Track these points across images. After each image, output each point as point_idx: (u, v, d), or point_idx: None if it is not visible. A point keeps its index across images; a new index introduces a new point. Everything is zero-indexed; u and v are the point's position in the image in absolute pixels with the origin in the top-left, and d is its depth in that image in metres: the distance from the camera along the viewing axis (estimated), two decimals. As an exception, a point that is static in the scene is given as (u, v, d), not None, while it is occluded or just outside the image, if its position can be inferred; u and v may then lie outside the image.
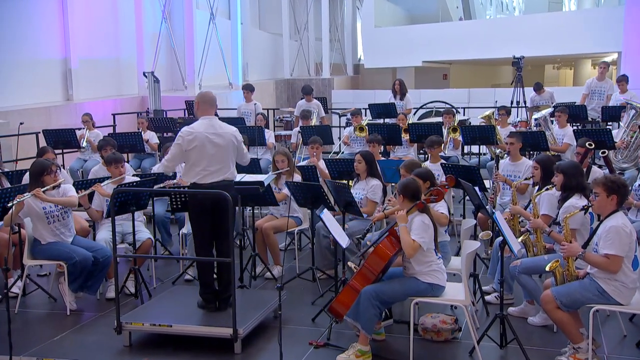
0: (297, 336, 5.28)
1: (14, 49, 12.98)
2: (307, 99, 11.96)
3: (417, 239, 4.67)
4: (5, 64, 12.62)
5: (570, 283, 4.69)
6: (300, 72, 24.80)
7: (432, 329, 5.15)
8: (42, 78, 13.97)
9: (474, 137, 9.44)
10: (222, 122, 5.47)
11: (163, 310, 5.35)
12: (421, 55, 21.89)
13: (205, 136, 5.26)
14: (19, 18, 13.20)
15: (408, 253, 4.67)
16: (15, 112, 12.48)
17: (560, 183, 5.36)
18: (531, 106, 11.87)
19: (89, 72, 15.04)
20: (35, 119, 12.55)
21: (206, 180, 5.27)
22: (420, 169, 5.70)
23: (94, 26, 15.42)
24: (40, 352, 4.99)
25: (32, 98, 13.56)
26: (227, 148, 5.32)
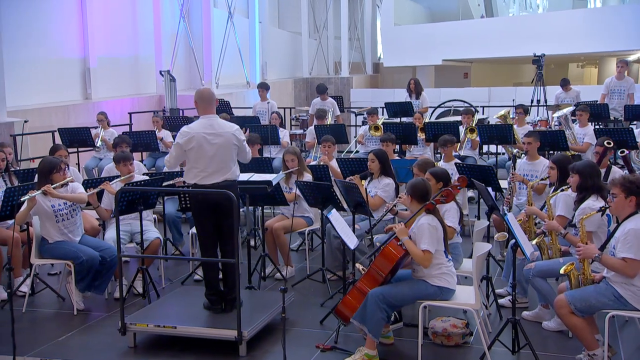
0: (304, 339, 5.19)
1: (33, 48, 13.04)
2: (321, 98, 11.86)
3: (426, 247, 4.55)
4: (24, 63, 12.66)
5: (585, 287, 4.53)
6: (319, 70, 24.70)
7: (443, 333, 5.02)
8: (60, 77, 14.01)
9: (491, 136, 9.27)
10: (223, 121, 5.33)
11: (168, 311, 5.29)
12: (441, 54, 21.68)
13: (202, 136, 5.15)
14: (38, 17, 13.26)
15: (423, 265, 4.57)
16: (34, 111, 12.56)
17: (576, 184, 5.20)
18: (555, 104, 11.63)
19: (107, 71, 15.07)
20: (53, 117, 12.62)
21: (206, 182, 5.16)
22: (436, 168, 5.58)
23: (112, 25, 15.45)
24: (44, 352, 4.95)
25: (51, 97, 13.61)
26: (226, 148, 5.19)
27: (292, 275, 6.80)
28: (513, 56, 21.20)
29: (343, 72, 23.45)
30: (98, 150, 10.38)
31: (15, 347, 4.58)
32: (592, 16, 22.31)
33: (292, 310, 5.69)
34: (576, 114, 9.25)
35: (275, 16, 24.36)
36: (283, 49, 23.25)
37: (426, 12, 27.79)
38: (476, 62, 25.45)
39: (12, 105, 11.95)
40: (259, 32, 20.50)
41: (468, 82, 25.52)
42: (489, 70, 27.04)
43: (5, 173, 6.60)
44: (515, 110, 9.94)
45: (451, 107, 13.39)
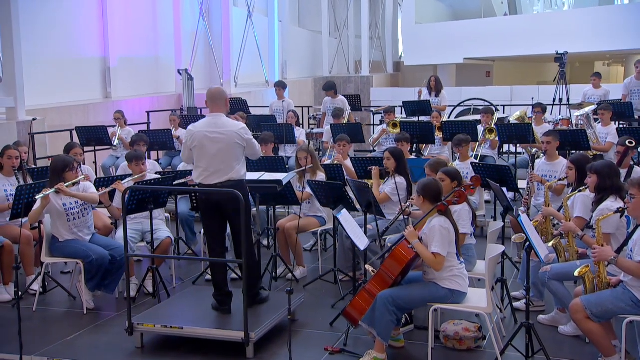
0: (313, 341, 5.12)
1: (54, 48, 13.14)
2: (331, 96, 11.75)
3: (437, 251, 4.45)
4: (45, 62, 12.76)
5: (601, 291, 4.39)
6: (339, 69, 24.60)
7: (454, 336, 4.90)
8: (81, 76, 14.10)
9: (510, 135, 9.10)
10: (228, 120, 5.24)
11: (177, 311, 5.24)
12: (463, 52, 21.45)
13: (204, 135, 5.09)
14: (60, 17, 13.37)
15: (435, 268, 4.47)
16: (53, 110, 12.67)
17: (594, 184, 5.05)
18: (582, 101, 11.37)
19: (127, 70, 15.14)
20: (73, 116, 12.70)
21: (209, 181, 5.10)
22: (449, 167, 5.46)
23: (133, 25, 15.53)
24: (51, 352, 4.92)
25: (71, 96, 13.70)
26: (229, 147, 5.08)
27: (304, 275, 6.73)
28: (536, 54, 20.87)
29: (363, 71, 23.32)
30: (115, 148, 10.41)
31: (22, 346, 4.55)
32: (619, 13, 21.88)
33: (302, 311, 5.62)
34: (598, 113, 9.04)
35: (296, 15, 24.32)
36: (303, 48, 23.20)
37: (448, 11, 27.52)
38: (499, 61, 25.14)
39: (33, 104, 12.05)
40: (280, 31, 20.47)
41: (490, 81, 25.22)
42: (512, 69, 26.68)
43: (19, 171, 6.61)
44: (533, 109, 9.74)
45: (471, 106, 13.21)
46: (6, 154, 6.48)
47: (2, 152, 6.53)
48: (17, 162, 6.53)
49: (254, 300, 5.23)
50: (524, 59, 25.02)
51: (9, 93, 10.62)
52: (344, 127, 9.94)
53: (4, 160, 6.48)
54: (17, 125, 10.51)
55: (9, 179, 6.49)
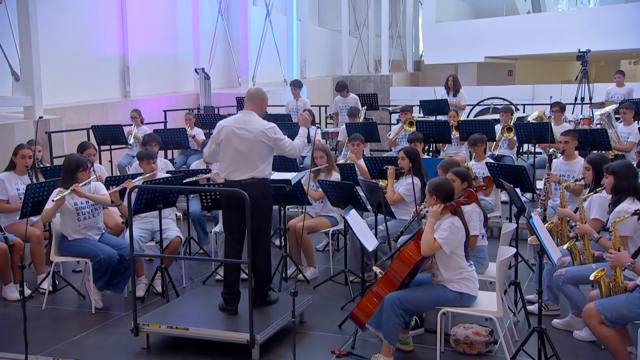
0: (321, 343, 5.04)
1: (73, 47, 13.21)
2: (342, 95, 11.66)
3: (439, 239, 4.34)
4: (64, 62, 12.84)
5: (616, 296, 4.25)
6: (359, 69, 24.50)
7: (465, 340, 4.79)
8: (100, 75, 14.17)
9: (528, 135, 8.93)
10: (258, 119, 5.23)
11: (183, 312, 5.19)
12: (484, 51, 21.21)
13: (231, 130, 5.14)
14: (79, 16, 13.44)
15: (423, 249, 4.36)
16: (71, 108, 12.74)
17: (610, 185, 4.90)
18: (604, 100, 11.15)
19: (146, 70, 15.19)
20: (91, 115, 12.75)
21: (233, 177, 5.14)
22: (459, 167, 5.34)
23: (152, 24, 15.58)
24: (57, 352, 4.90)
25: (90, 95, 13.77)
26: (254, 145, 5.11)
27: (315, 276, 6.66)
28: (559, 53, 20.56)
29: (383, 70, 23.18)
30: (131, 147, 10.41)
31: (28, 345, 4.52)
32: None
33: (311, 313, 5.55)
34: (620, 111, 8.84)
35: (316, 14, 24.28)
36: (323, 47, 23.13)
37: (470, 9, 27.26)
38: (521, 59, 24.83)
39: (51, 103, 12.15)
40: (299, 30, 20.42)
41: (512, 80, 24.93)
42: (535, 68, 26.35)
43: (32, 170, 6.62)
44: (551, 108, 9.56)
45: (490, 105, 13.03)
46: (19, 153, 6.50)
47: (16, 151, 6.54)
48: (29, 161, 6.53)
49: (262, 302, 5.20)
50: (547, 58, 24.68)
51: (26, 92, 10.67)
52: (359, 126, 9.85)
53: (17, 159, 6.50)
54: (34, 124, 10.55)
55: (22, 177, 6.50)
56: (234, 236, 5.17)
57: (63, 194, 5.62)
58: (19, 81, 10.70)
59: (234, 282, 5.15)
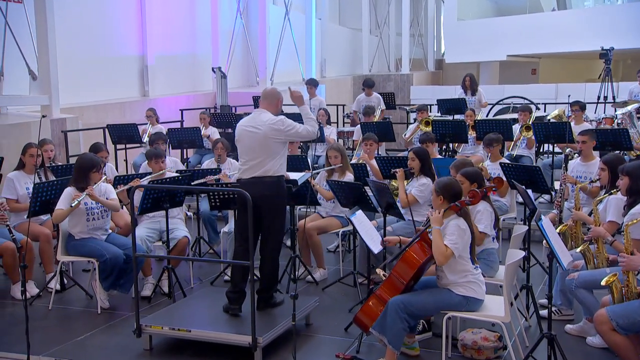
0: (325, 346, 4.96)
1: (93, 46, 13.29)
2: (367, 93, 11.54)
3: (450, 245, 4.22)
4: (84, 61, 12.91)
5: (629, 302, 4.10)
6: (379, 67, 24.36)
7: (472, 346, 4.67)
8: (119, 74, 14.23)
9: (547, 134, 8.76)
10: (267, 115, 5.16)
11: (187, 313, 5.13)
12: (506, 49, 20.94)
13: (242, 129, 5.17)
14: (98, 16, 13.51)
15: (438, 260, 4.23)
16: (89, 107, 12.82)
17: (625, 186, 4.75)
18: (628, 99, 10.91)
19: (165, 69, 15.23)
20: (110, 114, 12.81)
21: (246, 175, 5.11)
22: (467, 168, 5.21)
23: (170, 23, 15.61)
24: (59, 352, 4.86)
25: (109, 94, 13.83)
26: (262, 142, 5.05)
27: (324, 277, 6.57)
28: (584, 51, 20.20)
29: (403, 69, 23.02)
30: (145, 146, 10.40)
31: (30, 346, 4.49)
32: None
33: (317, 315, 5.46)
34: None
35: (336, 13, 24.19)
36: (343, 46, 23.04)
37: (493, 7, 26.93)
38: (545, 58, 24.48)
39: (71, 102, 12.25)
40: (319, 29, 20.36)
41: (536, 79, 24.58)
42: (560, 66, 25.93)
43: (41, 169, 6.62)
44: (571, 107, 9.36)
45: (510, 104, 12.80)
46: (28, 152, 6.51)
47: (24, 150, 6.56)
48: (39, 160, 6.54)
49: (267, 304, 5.13)
50: (572, 56, 24.27)
51: (43, 91, 10.75)
52: (374, 126, 9.74)
53: (26, 158, 6.51)
54: (50, 123, 10.63)
55: (31, 177, 6.50)
56: (242, 235, 5.11)
57: (79, 198, 5.59)
58: (36, 80, 10.78)
59: (238, 281, 5.08)
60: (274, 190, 5.04)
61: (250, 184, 4.96)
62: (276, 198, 5.05)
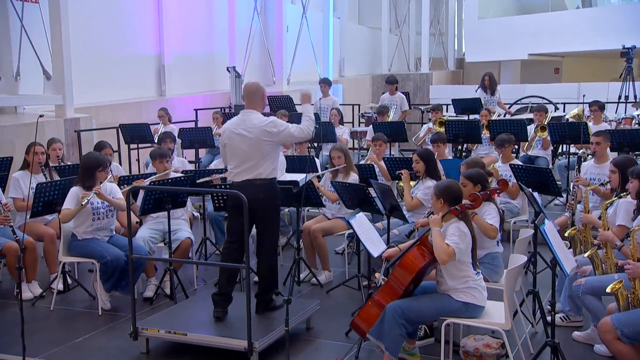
0: (325, 351, 4.88)
1: (110, 46, 13.33)
2: (390, 92, 11.40)
3: (452, 244, 4.11)
4: (101, 61, 12.96)
5: (635, 310, 3.96)
6: (399, 67, 24.19)
7: (474, 352, 4.53)
8: (136, 74, 14.27)
9: (563, 135, 8.56)
10: (258, 116, 5.04)
11: (185, 316, 5.08)
12: (527, 48, 20.63)
13: (230, 131, 5.02)
14: (116, 15, 13.56)
15: (441, 259, 4.11)
16: (106, 107, 12.86)
17: (635, 190, 4.60)
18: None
19: (182, 68, 15.23)
20: (126, 113, 12.83)
21: (237, 179, 5.00)
22: (471, 170, 5.09)
23: (188, 23, 15.61)
24: (56, 354, 4.83)
25: (126, 94, 13.86)
26: (255, 145, 4.93)
27: (329, 280, 6.48)
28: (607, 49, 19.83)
29: (422, 68, 22.83)
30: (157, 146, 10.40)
31: (25, 348, 4.44)
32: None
33: (319, 319, 5.38)
34: (660, 111, 8.40)
35: (356, 12, 24.07)
36: (362, 45, 22.91)
37: (516, 5, 26.58)
38: (568, 57, 24.09)
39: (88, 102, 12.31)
40: (338, 28, 20.27)
41: (559, 78, 24.21)
42: (584, 65, 25.48)
43: (46, 168, 6.62)
44: (590, 107, 9.15)
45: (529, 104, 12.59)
46: (32, 151, 6.50)
47: (28, 150, 6.56)
48: (42, 158, 6.54)
49: (266, 307, 5.06)
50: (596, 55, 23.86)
51: (57, 91, 10.79)
52: (387, 125, 9.63)
53: (30, 158, 6.51)
54: (64, 123, 10.68)
55: (36, 176, 6.51)
56: (231, 237, 5.04)
57: (88, 197, 5.57)
58: (50, 80, 10.83)
59: (224, 284, 4.99)
60: (268, 193, 4.93)
61: (243, 187, 4.85)
62: (270, 201, 4.95)
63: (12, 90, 11.09)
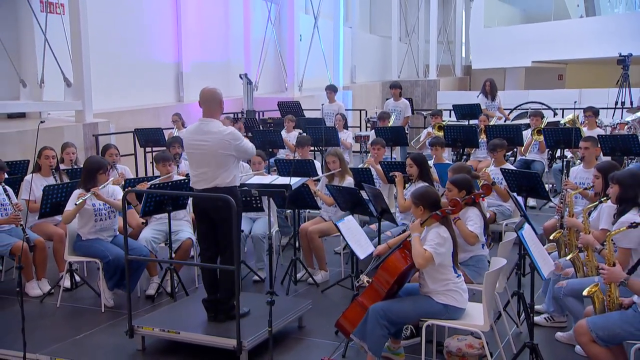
0: (314, 350, 4.77)
1: (131, 54, 13.38)
2: (394, 98, 11.26)
3: (429, 249, 4.00)
4: (122, 68, 13.01)
5: (609, 313, 3.82)
6: (408, 73, 24.03)
7: (457, 353, 4.41)
8: (156, 81, 14.31)
9: (557, 140, 8.39)
10: (217, 125, 4.70)
11: (180, 315, 5.00)
12: (531, 55, 20.38)
13: (190, 141, 4.76)
14: (137, 24, 13.62)
15: (418, 263, 4.01)
16: (126, 112, 12.90)
17: (615, 195, 4.44)
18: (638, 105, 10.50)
19: (199, 75, 15.21)
20: (145, 118, 12.85)
21: (197, 187, 4.77)
22: (457, 175, 4.97)
23: (205, 32, 15.63)
24: (55, 351, 4.78)
25: (146, 99, 13.91)
26: (212, 154, 4.65)
27: (325, 279, 6.38)
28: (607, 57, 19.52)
29: (430, 75, 22.67)
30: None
31: (26, 344, 4.41)
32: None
33: (311, 317, 5.29)
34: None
35: (367, 22, 23.99)
36: (373, 53, 22.83)
37: (521, 14, 26.28)
38: (572, 64, 23.76)
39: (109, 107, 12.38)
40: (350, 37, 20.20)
41: (562, 84, 23.89)
42: (587, 72, 25.12)
43: (56, 171, 6.61)
44: (584, 113, 8.97)
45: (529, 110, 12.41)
46: (43, 154, 6.50)
47: (39, 153, 6.54)
48: (53, 162, 6.53)
49: (227, 315, 4.73)
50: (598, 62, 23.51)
51: (77, 97, 10.82)
52: (387, 130, 9.52)
53: (41, 161, 6.50)
54: (83, 127, 10.71)
55: (47, 179, 6.50)
56: (203, 244, 4.89)
57: (84, 197, 5.55)
58: (70, 87, 10.86)
59: (207, 290, 4.86)
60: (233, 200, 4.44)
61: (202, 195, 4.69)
62: (228, 209, 4.45)
63: (36, 97, 11.16)
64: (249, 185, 5.43)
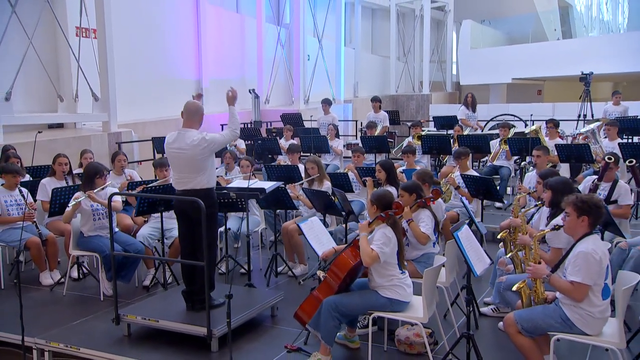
0: (281, 337, 4.63)
1: (157, 72, 13.43)
2: (374, 110, 11.11)
3: (375, 248, 3.86)
4: (149, 84, 13.06)
5: (534, 307, 3.65)
6: (405, 89, 23.88)
7: (405, 341, 4.28)
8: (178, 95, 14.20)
9: (520, 148, 8.19)
10: (192, 134, 4.58)
11: (164, 305, 4.88)
12: (511, 73, 20.09)
13: (169, 150, 4.67)
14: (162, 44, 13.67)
15: (364, 261, 3.87)
16: (150, 123, 12.91)
17: (548, 199, 4.28)
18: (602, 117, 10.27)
19: (217, 91, 15.18)
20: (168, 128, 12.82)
21: (178, 187, 4.69)
22: (407, 182, 4.82)
23: (223, 52, 15.66)
24: (51, 335, 4.67)
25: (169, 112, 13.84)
26: (189, 161, 4.55)
27: (304, 272, 6.25)
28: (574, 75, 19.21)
29: (424, 90, 22.48)
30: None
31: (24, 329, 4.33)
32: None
33: (285, 307, 5.14)
34: (605, 128, 7.97)
35: (369, 43, 23.90)
36: (374, 71, 22.74)
37: (504, 37, 25.94)
38: (549, 80, 23.38)
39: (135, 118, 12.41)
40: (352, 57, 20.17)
41: (541, 98, 23.51)
42: (563, 88, 24.71)
43: (69, 176, 6.56)
44: (547, 124, 8.76)
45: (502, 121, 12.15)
46: (57, 161, 6.45)
47: (54, 160, 6.50)
48: (66, 168, 6.48)
49: (202, 305, 4.58)
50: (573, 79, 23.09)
51: (103, 109, 10.84)
52: (372, 139, 9.38)
53: (55, 167, 6.46)
54: (107, 136, 10.71)
55: (60, 182, 6.45)
56: (182, 242, 4.79)
57: (78, 199, 5.49)
58: (98, 101, 10.87)
59: (185, 283, 4.74)
60: (204, 202, 4.35)
61: (184, 195, 4.59)
62: (208, 207, 4.42)
63: (72, 109, 11.21)
64: (227, 188, 5.33)
